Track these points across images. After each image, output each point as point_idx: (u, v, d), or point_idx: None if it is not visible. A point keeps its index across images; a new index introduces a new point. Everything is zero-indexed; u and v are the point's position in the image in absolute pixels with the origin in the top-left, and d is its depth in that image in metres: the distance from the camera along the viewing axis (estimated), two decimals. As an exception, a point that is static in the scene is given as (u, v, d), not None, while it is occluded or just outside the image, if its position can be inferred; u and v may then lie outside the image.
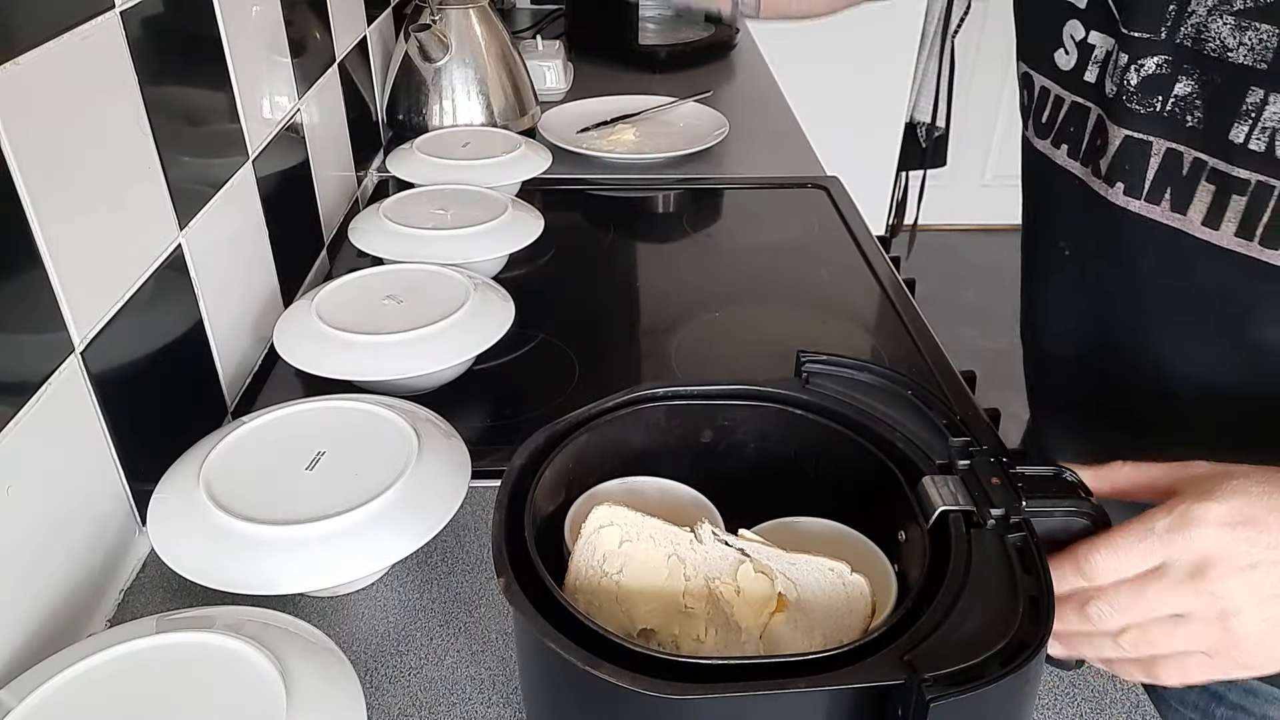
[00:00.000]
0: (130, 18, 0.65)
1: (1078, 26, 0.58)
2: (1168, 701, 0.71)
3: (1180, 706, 0.71)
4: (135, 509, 0.66)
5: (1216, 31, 0.51)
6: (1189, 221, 0.55)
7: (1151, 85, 0.54)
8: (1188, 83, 0.52)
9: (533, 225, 0.97)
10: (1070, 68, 0.59)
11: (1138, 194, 0.57)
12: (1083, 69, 0.58)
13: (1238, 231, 0.53)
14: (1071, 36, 0.59)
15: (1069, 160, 0.61)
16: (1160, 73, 0.53)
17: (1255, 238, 0.52)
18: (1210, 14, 0.51)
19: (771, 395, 0.56)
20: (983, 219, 3.15)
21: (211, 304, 0.77)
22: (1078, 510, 0.46)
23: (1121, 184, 0.57)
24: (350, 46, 1.19)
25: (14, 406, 0.53)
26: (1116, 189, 0.58)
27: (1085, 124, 0.59)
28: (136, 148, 0.67)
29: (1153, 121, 0.55)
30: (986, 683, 0.38)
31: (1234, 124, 0.51)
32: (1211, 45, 0.51)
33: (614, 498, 0.51)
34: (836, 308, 0.99)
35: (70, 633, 0.59)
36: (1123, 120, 0.56)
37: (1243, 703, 0.67)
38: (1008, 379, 0.80)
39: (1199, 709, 0.69)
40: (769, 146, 1.39)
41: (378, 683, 0.57)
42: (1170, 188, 0.55)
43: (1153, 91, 0.54)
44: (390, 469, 0.61)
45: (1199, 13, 0.51)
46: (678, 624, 0.49)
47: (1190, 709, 0.70)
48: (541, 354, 0.90)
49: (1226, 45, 0.50)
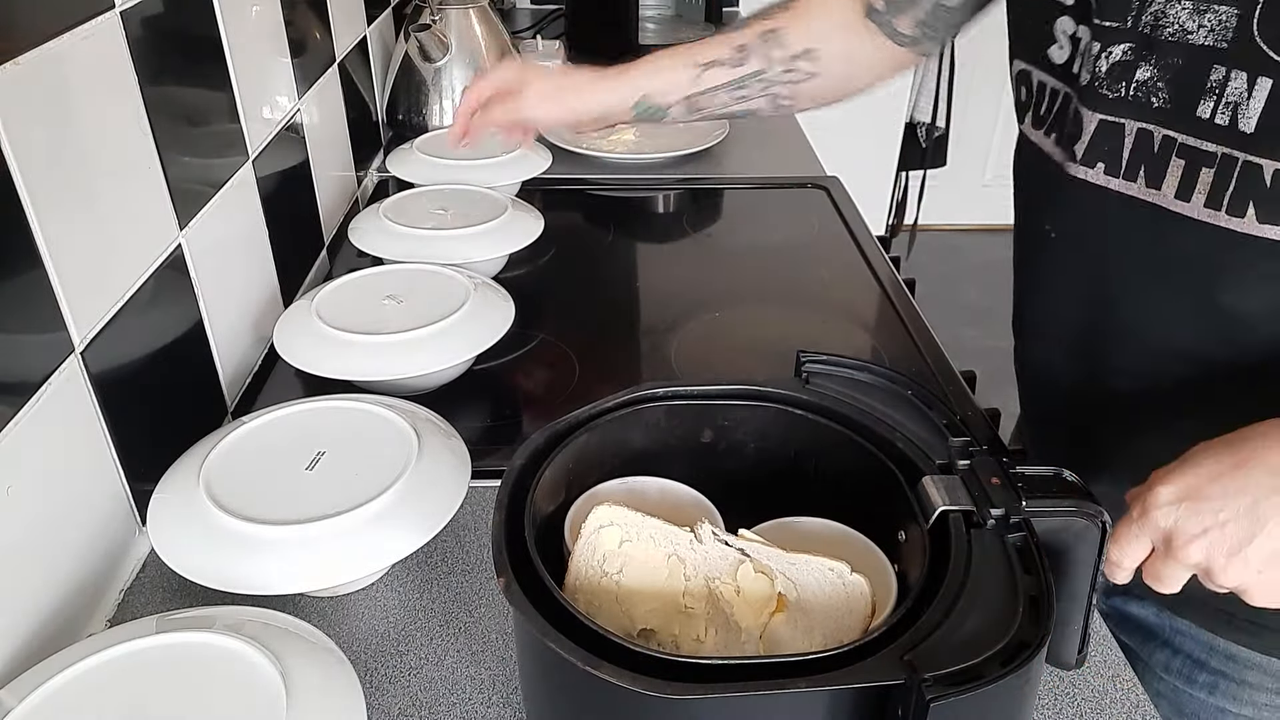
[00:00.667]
0: (130, 18, 0.65)
1: (1068, 21, 0.61)
2: (1153, 670, 0.73)
3: (1165, 674, 0.72)
4: (135, 509, 0.66)
5: (1175, 16, 0.54)
6: (1163, 196, 0.57)
7: (1117, 71, 0.57)
8: (1147, 68, 0.56)
9: (533, 225, 0.97)
10: (1063, 61, 0.62)
11: (1115, 172, 0.60)
12: (1073, 61, 0.61)
13: (1207, 203, 0.55)
14: (1064, 31, 0.61)
15: (1055, 148, 0.64)
16: (1125, 59, 0.57)
17: (1223, 208, 0.55)
18: (1168, 2, 0.54)
19: (771, 395, 0.56)
20: (983, 219, 3.15)
21: (211, 304, 0.77)
22: (1078, 510, 0.46)
23: (1102, 164, 0.60)
24: (350, 46, 1.19)
25: (14, 406, 0.53)
26: (1097, 169, 0.61)
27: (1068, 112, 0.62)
28: (136, 148, 0.67)
29: (1121, 105, 0.58)
30: (986, 683, 0.38)
31: (1200, 101, 0.54)
32: (1170, 30, 0.54)
33: (614, 498, 0.51)
34: (836, 308, 0.99)
35: (70, 633, 0.59)
36: (1097, 105, 0.59)
37: (1224, 669, 0.69)
38: (1008, 379, 0.80)
39: (1183, 675, 0.71)
40: (769, 146, 1.39)
41: (378, 683, 0.57)
42: (1144, 165, 0.58)
43: (1118, 77, 0.57)
44: (390, 469, 0.61)
45: (1158, 1, 0.54)
46: (678, 624, 0.49)
47: (1174, 676, 0.72)
48: (541, 354, 0.90)
49: (1186, 29, 0.54)
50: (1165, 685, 0.72)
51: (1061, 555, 0.47)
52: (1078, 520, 0.46)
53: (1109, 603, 0.76)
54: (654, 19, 1.91)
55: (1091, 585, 0.47)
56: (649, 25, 1.86)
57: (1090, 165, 0.60)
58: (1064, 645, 0.49)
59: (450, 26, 1.29)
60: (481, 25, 1.32)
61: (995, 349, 0.86)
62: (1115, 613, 0.75)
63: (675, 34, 1.82)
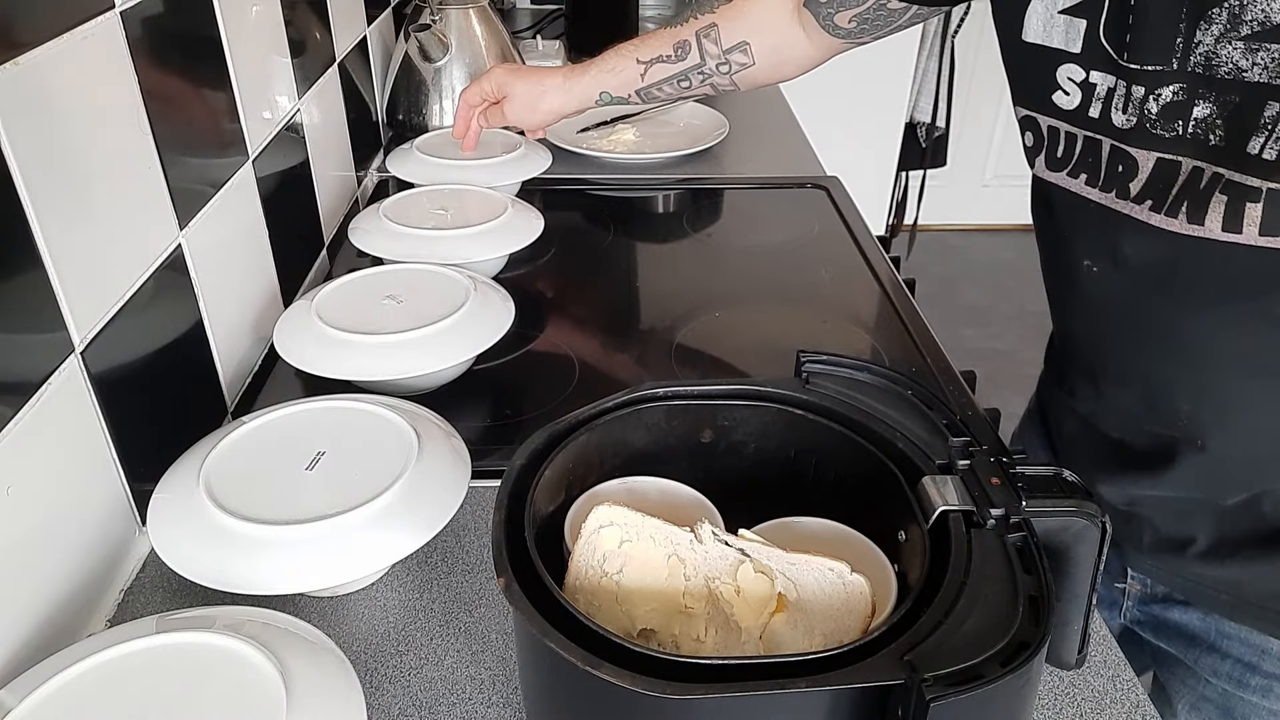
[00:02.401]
0: (130, 18, 0.65)
1: (1075, 69, 0.61)
2: (1199, 675, 0.73)
3: (1213, 679, 0.72)
4: (135, 509, 0.66)
5: (1228, 56, 0.54)
6: (1208, 230, 0.58)
7: (1171, 111, 0.57)
8: (1206, 105, 0.56)
9: (533, 225, 0.97)
10: (1074, 107, 0.63)
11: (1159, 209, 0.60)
12: (1087, 106, 0.62)
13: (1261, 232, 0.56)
14: (1070, 79, 0.62)
15: (1087, 188, 0.65)
16: (1178, 99, 0.57)
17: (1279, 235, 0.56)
18: (1218, 42, 0.54)
19: (771, 395, 0.56)
20: (983, 219, 3.15)
21: (211, 304, 0.77)
22: (1078, 510, 0.46)
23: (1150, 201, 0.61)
24: (350, 46, 1.19)
25: (14, 406, 0.53)
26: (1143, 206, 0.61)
27: (1100, 154, 0.63)
28: (136, 148, 0.67)
29: (1179, 143, 0.58)
30: (986, 683, 0.38)
31: (1252, 137, 0.54)
32: (1224, 69, 0.54)
33: (614, 498, 0.51)
34: (836, 308, 0.99)
35: (70, 633, 0.59)
36: (1152, 145, 0.59)
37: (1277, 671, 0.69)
38: (1008, 379, 0.80)
39: (1233, 679, 0.71)
40: (769, 146, 1.39)
41: (378, 683, 0.57)
42: (1187, 201, 0.58)
43: (1173, 116, 0.58)
44: (390, 469, 0.61)
45: (1206, 42, 0.54)
46: (678, 624, 0.49)
47: (1224, 680, 0.72)
48: (541, 354, 0.90)
49: (1240, 67, 0.54)
50: (1213, 689, 0.72)
51: (1061, 555, 0.47)
52: (1078, 520, 0.46)
53: (1146, 610, 0.76)
54: (654, 19, 1.91)
55: (1091, 585, 0.47)
56: (649, 25, 1.86)
57: (1139, 204, 0.61)
58: (1064, 645, 0.49)
59: (450, 26, 1.29)
60: (481, 25, 1.32)
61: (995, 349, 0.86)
62: (1153, 619, 0.75)
63: (675, 34, 1.82)
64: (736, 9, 0.88)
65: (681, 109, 1.45)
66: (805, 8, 0.83)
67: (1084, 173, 0.64)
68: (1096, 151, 0.63)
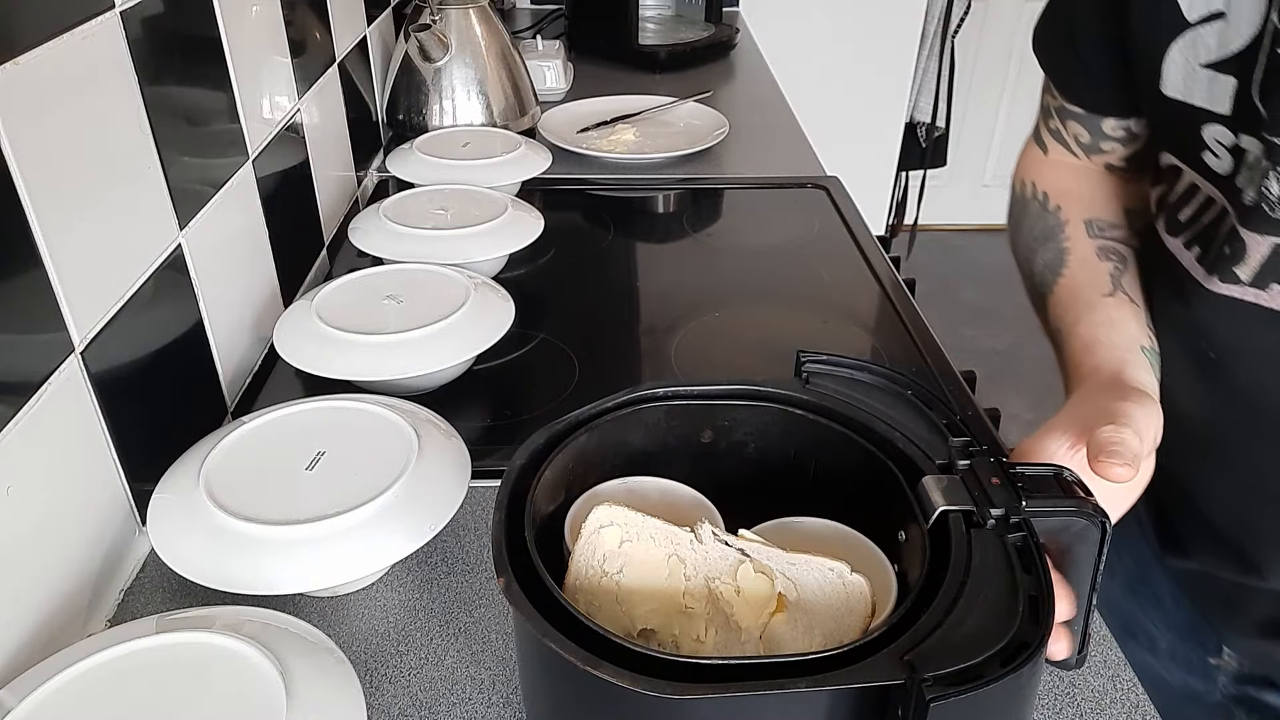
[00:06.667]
0: (130, 18, 0.65)
1: (1223, 132, 0.54)
2: None
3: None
4: (135, 509, 0.66)
5: None
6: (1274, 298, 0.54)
7: None
8: None
9: (533, 225, 0.97)
10: (1226, 172, 0.55)
11: (1237, 281, 0.56)
12: (1236, 174, 0.55)
13: None
14: (1219, 141, 0.55)
15: (1195, 264, 0.58)
16: None
17: None
18: None
19: (771, 395, 0.56)
20: (983, 219, 3.15)
21: (211, 304, 0.77)
22: (1078, 510, 0.46)
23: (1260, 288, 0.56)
24: (350, 46, 1.19)
25: (14, 406, 0.53)
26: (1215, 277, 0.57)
27: (1221, 228, 0.57)
28: (136, 148, 0.67)
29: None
30: (986, 683, 0.38)
31: None
32: None
33: (614, 498, 0.51)
34: (836, 308, 0.99)
35: (70, 633, 0.59)
36: (1268, 229, 0.53)
37: None
38: (1008, 379, 0.80)
39: None
40: (769, 146, 1.39)
41: (378, 683, 0.57)
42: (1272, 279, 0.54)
43: None
44: (390, 469, 0.61)
45: None
46: (678, 624, 0.49)
47: None
48: (541, 354, 0.90)
49: None
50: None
51: (1062, 555, 0.47)
52: (1078, 520, 0.46)
53: (1242, 689, 0.74)
54: (654, 19, 1.91)
55: (1092, 585, 0.47)
56: (649, 25, 1.86)
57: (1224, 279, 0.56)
58: (1064, 645, 0.49)
59: (450, 26, 1.29)
60: (481, 25, 1.32)
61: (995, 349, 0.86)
62: (1248, 699, 0.73)
63: (675, 34, 1.82)
64: (1073, 197, 0.74)
65: (681, 109, 1.45)
66: (1089, 157, 0.74)
67: (1197, 245, 0.58)
68: (1219, 225, 0.56)
